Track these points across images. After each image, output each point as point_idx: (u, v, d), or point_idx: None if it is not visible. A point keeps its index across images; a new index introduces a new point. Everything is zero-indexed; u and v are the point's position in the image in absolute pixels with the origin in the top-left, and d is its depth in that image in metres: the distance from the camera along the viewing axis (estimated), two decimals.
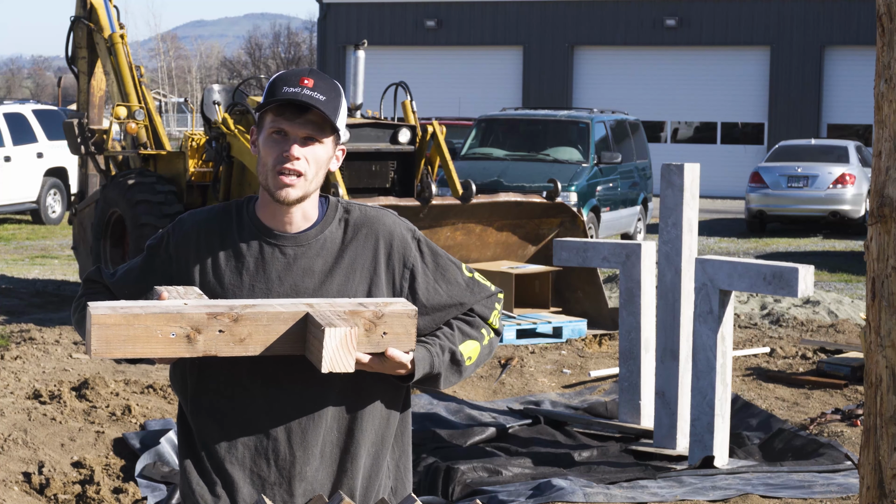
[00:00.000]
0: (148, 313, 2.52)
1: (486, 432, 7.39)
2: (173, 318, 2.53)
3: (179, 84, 62.53)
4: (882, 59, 2.70)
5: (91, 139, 12.11)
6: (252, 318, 2.57)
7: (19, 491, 6.30)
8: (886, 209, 2.70)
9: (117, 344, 2.51)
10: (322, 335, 2.52)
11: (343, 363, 2.55)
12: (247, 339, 2.57)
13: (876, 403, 2.75)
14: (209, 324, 2.54)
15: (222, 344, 2.55)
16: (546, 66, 33.78)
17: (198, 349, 2.55)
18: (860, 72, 30.70)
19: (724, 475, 6.45)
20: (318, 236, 2.84)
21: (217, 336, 2.55)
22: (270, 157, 2.77)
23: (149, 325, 2.51)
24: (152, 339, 2.52)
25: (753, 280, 6.34)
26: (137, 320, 2.51)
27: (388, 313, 2.64)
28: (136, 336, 2.51)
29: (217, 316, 2.55)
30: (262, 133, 2.80)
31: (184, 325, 2.53)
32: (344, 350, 2.54)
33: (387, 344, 2.64)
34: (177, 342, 2.53)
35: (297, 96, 2.73)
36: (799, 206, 21.19)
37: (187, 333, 2.53)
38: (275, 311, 2.59)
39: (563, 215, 11.07)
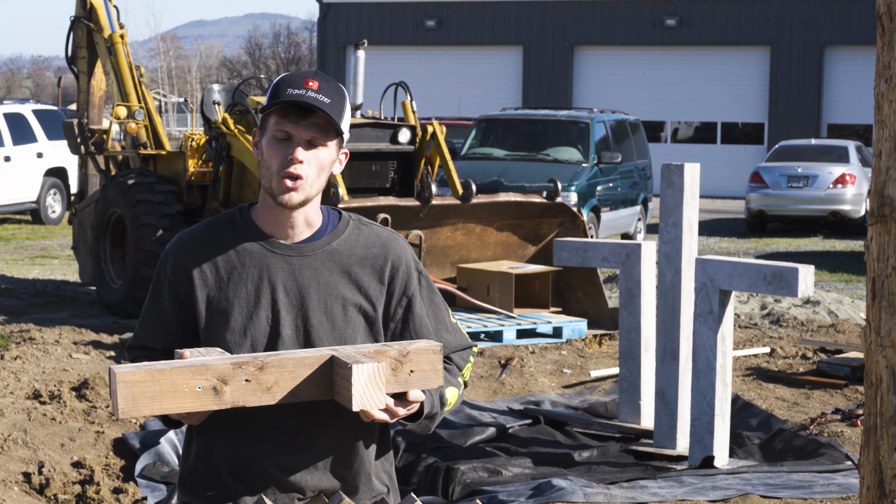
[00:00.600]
0: (172, 368, 2.49)
1: (486, 432, 7.39)
2: (198, 370, 2.49)
3: (179, 84, 62.52)
4: (882, 59, 2.70)
5: (91, 139, 12.11)
6: (277, 366, 2.54)
7: (19, 491, 6.30)
8: (887, 209, 2.70)
9: (144, 401, 2.47)
10: (350, 373, 2.50)
11: (373, 400, 2.53)
12: (273, 387, 2.54)
13: (876, 403, 2.75)
14: (235, 374, 2.51)
15: (249, 393, 2.53)
16: (546, 66, 33.78)
17: (225, 400, 2.52)
18: (860, 72, 30.71)
19: (725, 475, 6.45)
20: (325, 247, 2.83)
21: (244, 386, 2.52)
22: (274, 161, 2.75)
23: (174, 380, 2.48)
24: (179, 393, 2.49)
25: (753, 280, 6.34)
26: (162, 375, 2.47)
27: (414, 350, 2.63)
28: (163, 392, 2.48)
29: (242, 365, 2.52)
30: (266, 135, 2.78)
31: (209, 377, 2.50)
32: (373, 386, 2.52)
33: (415, 382, 2.63)
34: (204, 395, 2.50)
35: (302, 98, 2.71)
36: (799, 206, 21.19)
37: (214, 385, 2.50)
38: (299, 356, 2.56)
39: (563, 215, 11.07)
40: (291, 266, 2.81)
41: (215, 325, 2.80)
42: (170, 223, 10.92)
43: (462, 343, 2.99)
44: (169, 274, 2.84)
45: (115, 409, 2.46)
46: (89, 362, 8.91)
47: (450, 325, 2.97)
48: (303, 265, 2.81)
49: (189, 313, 2.83)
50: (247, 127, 10.81)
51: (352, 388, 2.50)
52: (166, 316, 2.84)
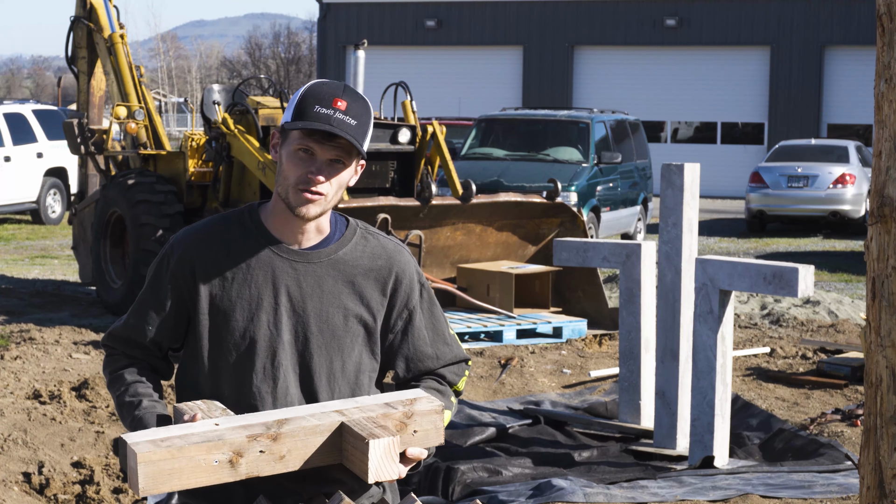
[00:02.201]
0: (191, 444, 2.48)
1: (486, 432, 7.39)
2: (215, 445, 2.49)
3: (179, 84, 62.52)
4: (882, 59, 2.70)
5: (91, 139, 12.11)
6: (290, 435, 2.55)
7: (19, 491, 6.30)
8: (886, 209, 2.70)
9: (164, 479, 2.46)
10: (366, 448, 2.52)
11: (388, 471, 2.56)
12: (286, 456, 2.55)
13: (876, 403, 2.75)
14: (250, 446, 2.52)
15: (263, 464, 2.54)
16: (546, 66, 33.78)
17: (240, 472, 2.53)
18: (860, 72, 30.71)
19: (724, 475, 6.45)
20: (331, 256, 2.83)
21: (258, 457, 2.53)
22: (294, 175, 2.75)
23: (192, 456, 2.48)
24: (197, 468, 2.48)
25: (753, 280, 6.34)
26: (181, 452, 2.47)
27: (418, 412, 2.66)
28: (182, 468, 2.47)
29: (257, 437, 2.52)
30: (287, 146, 2.77)
31: (226, 451, 2.50)
32: (388, 458, 2.55)
33: (418, 441, 2.66)
34: (220, 468, 2.50)
35: (330, 122, 2.71)
36: (799, 206, 21.19)
37: (230, 458, 2.51)
38: (311, 424, 2.57)
39: (563, 215, 11.07)
40: (297, 272, 2.81)
41: (216, 324, 2.80)
42: (170, 223, 10.92)
43: (458, 356, 3.00)
44: (173, 266, 2.82)
45: (134, 485, 2.46)
46: (89, 362, 8.91)
47: (448, 337, 2.99)
48: (308, 272, 2.81)
49: (185, 309, 2.82)
50: (247, 127, 10.81)
51: (368, 461, 2.53)
52: (162, 308, 2.82)
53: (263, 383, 2.79)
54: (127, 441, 2.49)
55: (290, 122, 2.75)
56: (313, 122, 2.71)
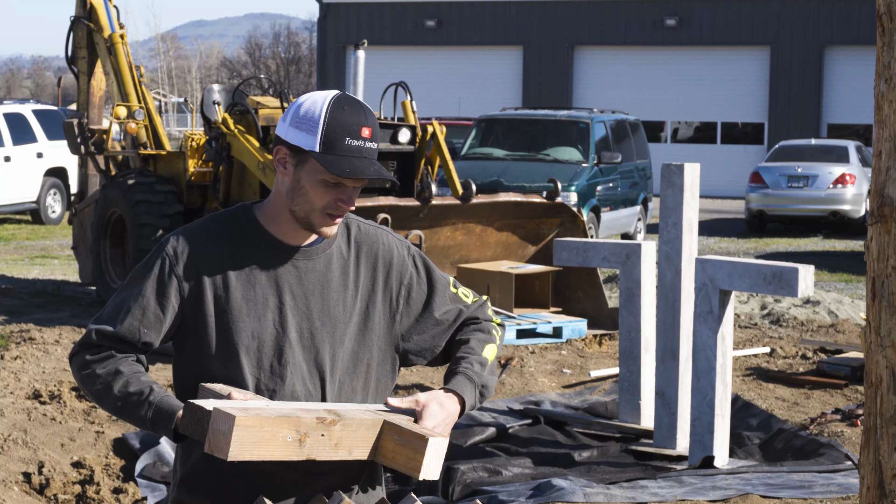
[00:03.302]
0: (276, 417, 2.55)
1: (486, 432, 7.39)
2: (292, 422, 2.56)
3: (179, 84, 62.52)
4: (882, 59, 2.70)
5: (91, 139, 12.11)
6: (347, 425, 2.63)
7: (19, 491, 6.30)
8: (887, 209, 2.70)
9: (249, 446, 2.52)
10: (424, 445, 2.61)
11: (434, 471, 2.64)
12: (339, 444, 2.63)
13: (876, 403, 2.75)
14: (316, 428, 2.59)
15: (320, 448, 2.61)
16: (546, 66, 33.78)
17: (303, 452, 2.60)
18: (860, 72, 30.71)
19: (724, 475, 6.45)
20: (326, 251, 2.86)
21: (319, 440, 2.60)
22: (321, 202, 2.76)
23: (273, 430, 2.54)
24: (274, 442, 2.55)
25: (753, 280, 6.34)
26: (267, 423, 2.53)
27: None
28: (263, 439, 2.53)
29: (324, 421, 2.60)
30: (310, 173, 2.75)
31: (299, 429, 2.57)
32: (437, 458, 2.64)
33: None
34: (290, 446, 2.57)
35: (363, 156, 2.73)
36: (799, 206, 21.19)
37: (299, 437, 2.58)
38: (367, 418, 2.66)
39: (563, 215, 11.07)
40: (298, 270, 2.83)
41: (222, 324, 2.79)
42: (170, 223, 10.92)
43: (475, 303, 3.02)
44: (179, 268, 2.79)
45: (219, 450, 2.49)
46: None
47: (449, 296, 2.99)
48: (308, 269, 2.83)
49: (183, 310, 2.80)
50: (247, 127, 10.81)
51: (423, 458, 2.60)
52: (163, 311, 2.79)
53: (271, 381, 2.80)
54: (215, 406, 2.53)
55: (321, 153, 2.74)
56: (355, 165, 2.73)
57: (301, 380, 2.81)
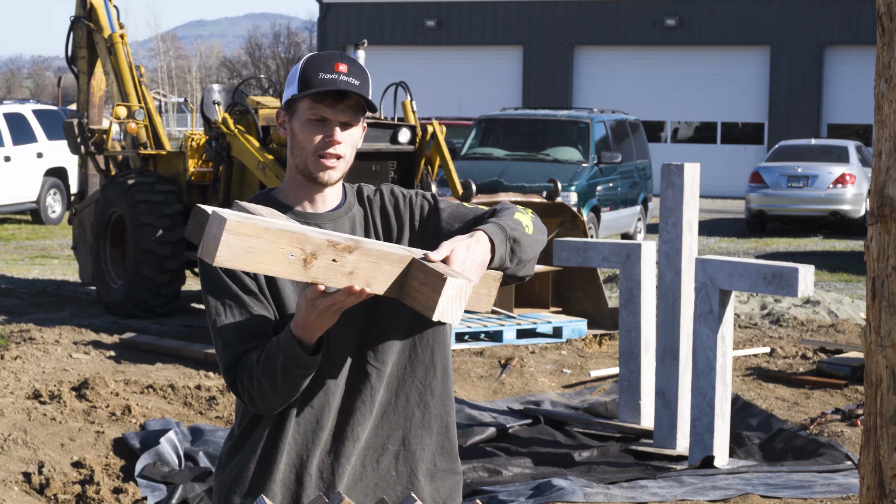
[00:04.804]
0: (276, 229, 2.50)
1: (486, 432, 7.39)
2: (297, 238, 2.51)
3: (179, 84, 62.53)
4: (882, 59, 2.70)
5: (91, 139, 12.11)
6: (364, 253, 2.57)
7: (19, 491, 6.30)
8: (886, 209, 2.70)
9: (240, 255, 2.48)
10: (440, 285, 2.53)
11: (453, 315, 2.56)
12: (354, 273, 2.57)
13: (876, 403, 2.75)
14: (326, 251, 2.54)
15: (331, 274, 2.55)
16: (546, 66, 33.78)
17: (310, 274, 2.54)
18: (860, 72, 30.70)
19: (724, 475, 6.45)
20: (348, 213, 2.93)
21: (329, 265, 2.54)
22: (311, 143, 2.83)
23: (274, 241, 2.49)
24: (273, 256, 2.50)
25: (753, 280, 6.34)
26: (266, 234, 2.49)
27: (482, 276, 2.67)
28: (260, 250, 2.49)
29: (335, 245, 2.55)
30: (298, 118, 2.85)
31: (305, 248, 2.52)
32: (456, 302, 2.55)
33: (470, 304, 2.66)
34: (293, 264, 2.52)
35: (337, 84, 2.80)
36: (799, 206, 21.18)
37: (305, 257, 2.52)
38: (384, 250, 2.60)
39: (564, 215, 11.07)
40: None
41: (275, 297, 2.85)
42: (170, 223, 10.92)
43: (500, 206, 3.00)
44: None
45: (208, 254, 2.47)
46: (89, 362, 8.91)
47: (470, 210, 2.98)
48: (336, 229, 2.88)
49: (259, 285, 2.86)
50: (247, 127, 10.81)
51: (439, 298, 2.53)
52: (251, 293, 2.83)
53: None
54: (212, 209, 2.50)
55: (298, 92, 2.84)
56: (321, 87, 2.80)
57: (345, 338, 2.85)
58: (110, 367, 8.80)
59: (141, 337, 9.77)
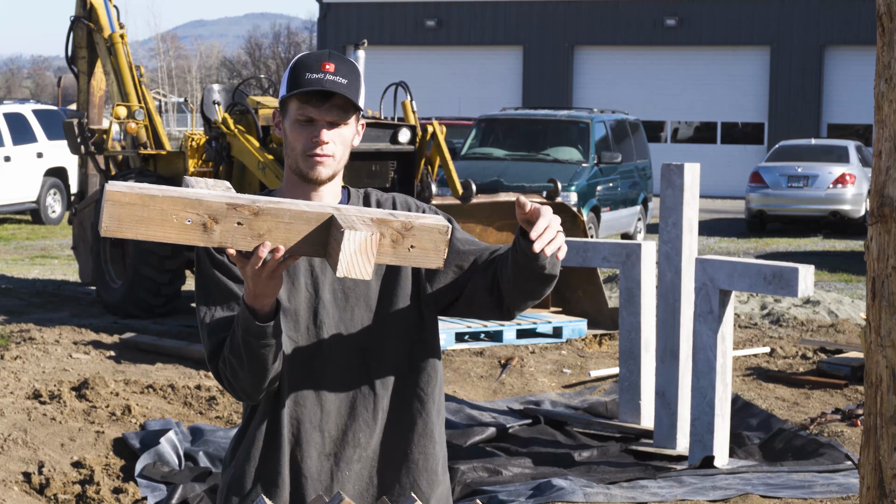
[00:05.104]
0: (166, 196, 2.46)
1: (486, 432, 7.39)
2: (191, 203, 2.47)
3: (179, 84, 62.51)
4: (882, 59, 2.70)
5: (91, 139, 12.11)
6: (274, 214, 2.51)
7: (19, 491, 6.30)
8: (887, 209, 2.70)
9: (130, 224, 2.44)
10: (341, 237, 2.47)
11: (360, 270, 2.48)
12: (265, 235, 2.51)
13: (876, 403, 2.75)
14: (228, 214, 2.49)
15: (240, 237, 2.50)
16: (546, 66, 33.78)
17: (213, 239, 2.50)
18: (860, 72, 30.70)
19: (725, 475, 6.45)
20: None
21: (235, 228, 2.50)
22: (300, 143, 2.85)
23: (164, 209, 2.45)
24: (167, 223, 2.46)
25: (753, 280, 6.34)
26: (154, 202, 2.45)
27: (419, 226, 2.56)
28: (151, 218, 2.45)
29: (237, 207, 2.50)
30: (289, 119, 2.88)
31: (201, 213, 2.47)
32: (362, 256, 2.48)
33: (413, 259, 2.58)
34: (192, 229, 2.48)
35: (322, 84, 2.81)
36: (799, 206, 21.19)
37: (204, 222, 2.48)
38: (299, 209, 2.53)
39: (563, 215, 11.07)
40: None
41: None
42: None
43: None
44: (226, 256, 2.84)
45: (99, 225, 2.45)
46: (89, 362, 8.91)
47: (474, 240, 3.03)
48: None
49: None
50: (247, 127, 10.81)
51: (339, 253, 2.46)
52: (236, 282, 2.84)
53: (308, 343, 2.86)
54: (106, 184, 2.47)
55: (287, 94, 2.86)
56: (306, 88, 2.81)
57: (338, 340, 2.87)
58: (110, 367, 8.80)
59: (141, 337, 9.77)
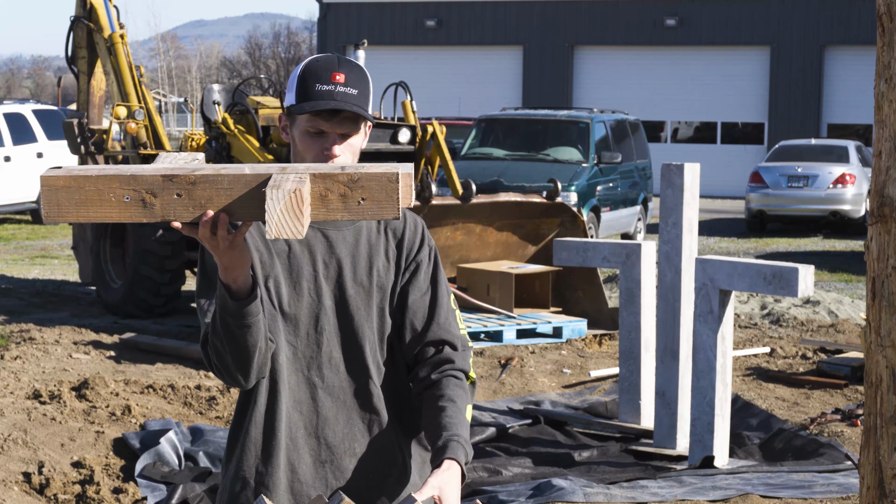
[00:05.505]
0: (100, 175, 2.42)
1: (486, 432, 7.39)
2: (126, 180, 2.41)
3: (179, 84, 62.52)
4: (882, 59, 2.70)
5: (91, 139, 12.11)
6: (212, 181, 2.43)
7: (19, 491, 6.30)
8: (886, 209, 2.70)
9: (69, 207, 2.41)
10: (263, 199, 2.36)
11: (290, 229, 2.36)
12: (207, 204, 2.43)
13: (876, 403, 2.75)
14: (165, 187, 2.42)
15: (181, 209, 2.43)
16: (546, 66, 33.78)
17: (155, 214, 2.43)
18: (860, 72, 30.71)
19: (725, 475, 6.45)
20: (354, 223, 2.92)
21: (175, 200, 2.42)
22: (310, 154, 2.82)
23: (101, 189, 2.41)
24: (105, 202, 2.42)
25: (753, 280, 6.34)
26: (88, 183, 2.41)
27: (365, 176, 2.43)
28: (89, 199, 2.41)
29: (173, 178, 2.42)
30: (297, 127, 2.84)
31: (137, 189, 2.41)
32: (289, 215, 2.36)
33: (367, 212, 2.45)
34: (132, 206, 2.42)
35: (334, 97, 2.78)
36: (799, 206, 21.19)
37: (142, 197, 2.42)
38: (236, 173, 2.44)
39: (563, 215, 11.07)
40: (328, 239, 2.88)
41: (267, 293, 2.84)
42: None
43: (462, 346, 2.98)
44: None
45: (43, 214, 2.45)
46: (89, 362, 8.91)
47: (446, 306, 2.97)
48: (338, 239, 2.88)
49: None
50: (247, 127, 10.82)
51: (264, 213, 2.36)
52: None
53: (308, 348, 2.85)
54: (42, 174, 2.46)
55: (296, 104, 2.83)
56: (318, 102, 2.79)
57: (338, 346, 2.86)
58: (110, 367, 8.80)
59: (141, 337, 9.77)
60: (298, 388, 2.85)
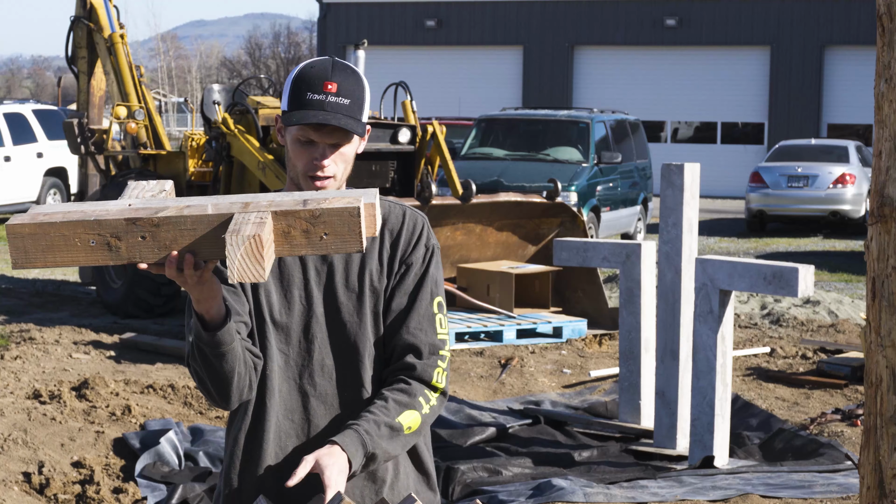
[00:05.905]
0: (64, 221, 2.44)
1: (486, 432, 7.40)
2: (90, 225, 2.44)
3: (179, 84, 62.51)
4: (882, 59, 2.70)
5: (91, 139, 12.11)
6: (175, 223, 2.44)
7: (19, 491, 6.30)
8: (887, 209, 2.70)
9: (37, 254, 2.44)
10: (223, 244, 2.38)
11: (252, 273, 2.37)
12: (172, 245, 2.45)
13: (876, 403, 2.75)
14: (129, 230, 2.44)
15: (146, 251, 2.45)
16: (546, 66, 33.78)
17: (122, 256, 2.45)
18: (860, 72, 30.71)
19: (725, 475, 6.45)
20: None
21: (140, 242, 2.44)
22: (300, 163, 2.79)
23: (66, 234, 2.44)
24: (72, 247, 2.44)
25: (753, 280, 6.34)
26: (53, 229, 2.44)
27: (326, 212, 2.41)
28: (55, 245, 2.44)
29: (136, 222, 2.44)
30: (289, 133, 2.81)
31: (102, 233, 2.44)
32: (250, 259, 2.36)
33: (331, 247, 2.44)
34: (98, 250, 2.44)
35: (324, 108, 2.73)
36: (799, 206, 21.19)
37: (107, 241, 2.44)
38: (200, 214, 2.45)
39: (563, 215, 11.07)
40: None
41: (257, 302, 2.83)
42: None
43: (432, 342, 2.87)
44: None
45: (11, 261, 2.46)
46: (89, 362, 8.91)
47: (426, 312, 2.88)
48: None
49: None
50: (247, 127, 10.82)
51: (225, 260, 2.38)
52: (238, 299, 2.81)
53: (299, 356, 2.83)
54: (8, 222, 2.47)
55: (287, 112, 2.79)
56: (307, 113, 2.74)
57: (329, 354, 2.83)
58: (110, 367, 8.80)
59: (141, 337, 9.77)
60: (290, 396, 2.82)
